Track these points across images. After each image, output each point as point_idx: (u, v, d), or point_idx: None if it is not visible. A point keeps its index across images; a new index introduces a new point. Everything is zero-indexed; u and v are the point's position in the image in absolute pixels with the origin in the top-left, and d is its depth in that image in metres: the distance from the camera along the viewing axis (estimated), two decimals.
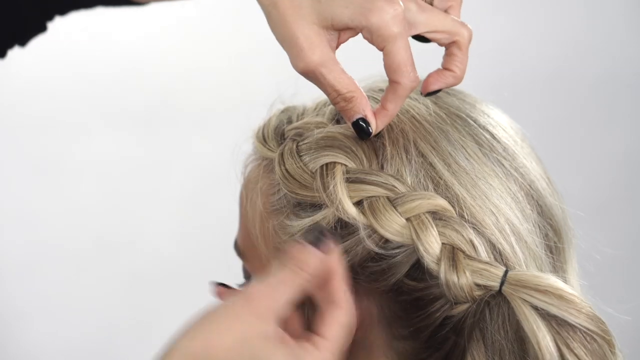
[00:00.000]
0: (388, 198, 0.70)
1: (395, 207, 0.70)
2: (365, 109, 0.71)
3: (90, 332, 1.95)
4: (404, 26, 0.69)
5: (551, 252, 0.75)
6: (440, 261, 0.68)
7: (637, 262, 2.10)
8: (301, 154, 0.74)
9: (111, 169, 1.94)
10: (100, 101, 1.94)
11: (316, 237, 0.68)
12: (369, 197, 0.70)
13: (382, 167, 0.73)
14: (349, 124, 0.72)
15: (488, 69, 1.85)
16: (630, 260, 2.06)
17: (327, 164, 0.72)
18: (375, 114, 0.72)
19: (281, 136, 0.78)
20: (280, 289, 0.66)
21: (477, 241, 0.69)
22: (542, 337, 0.66)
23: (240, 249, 0.81)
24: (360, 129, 0.71)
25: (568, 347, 0.67)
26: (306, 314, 0.71)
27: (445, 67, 0.74)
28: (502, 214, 0.72)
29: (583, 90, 2.09)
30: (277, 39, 0.71)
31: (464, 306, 0.70)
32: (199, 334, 0.65)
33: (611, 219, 2.08)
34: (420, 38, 0.74)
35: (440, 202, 0.70)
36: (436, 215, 0.70)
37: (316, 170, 0.72)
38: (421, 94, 0.74)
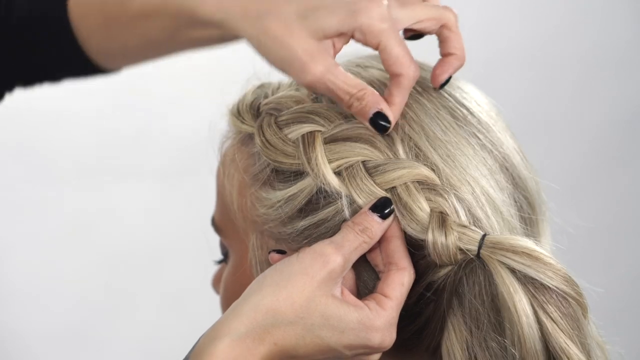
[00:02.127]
0: (365, 165, 0.72)
1: (381, 174, 0.71)
2: (379, 102, 0.72)
3: (66, 313, 1.95)
4: (392, 21, 0.71)
5: (525, 223, 0.76)
6: (429, 225, 0.70)
7: (611, 236, 2.12)
8: (280, 126, 0.75)
9: (86, 149, 1.93)
10: (78, 84, 1.93)
11: (379, 205, 0.70)
12: (349, 165, 0.72)
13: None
14: (366, 124, 0.72)
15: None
16: (605, 234, 2.07)
17: (306, 134, 0.73)
18: None
19: (257, 110, 0.78)
20: (347, 248, 0.69)
21: (459, 207, 0.71)
22: (519, 300, 0.67)
23: (217, 225, 0.82)
24: (378, 123, 0.72)
25: (543, 309, 0.68)
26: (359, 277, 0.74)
27: (445, 54, 0.75)
28: (478, 184, 0.73)
29: (561, 68, 2.10)
30: (274, 62, 0.72)
31: (444, 271, 0.71)
32: (270, 290, 0.68)
33: (587, 193, 2.09)
34: (412, 36, 0.75)
35: (424, 172, 0.71)
36: (422, 184, 0.71)
37: (297, 139, 0.74)
38: (434, 89, 0.75)
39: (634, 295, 2.10)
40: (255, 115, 0.78)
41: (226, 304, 0.81)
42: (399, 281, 0.70)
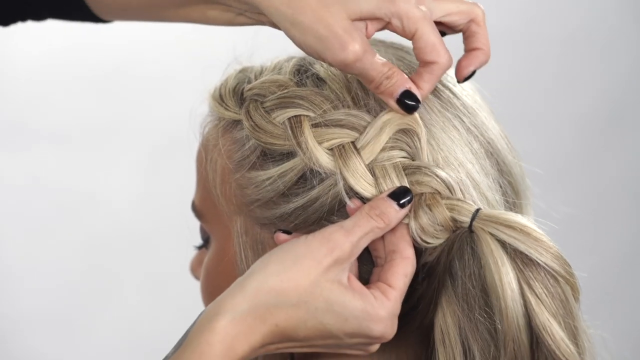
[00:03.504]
0: (355, 145, 0.71)
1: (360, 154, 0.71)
2: (407, 81, 0.71)
3: (51, 295, 1.94)
4: (428, 10, 0.71)
5: (510, 209, 0.76)
6: (415, 207, 0.70)
7: (595, 221, 2.12)
8: (267, 110, 0.75)
9: (70, 131, 1.92)
10: (61, 68, 1.92)
11: (399, 193, 0.70)
12: (340, 144, 0.72)
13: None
14: (393, 104, 0.72)
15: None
16: (588, 220, 2.08)
17: (292, 117, 0.73)
18: None
19: (240, 96, 0.78)
20: (357, 234, 0.69)
21: (452, 181, 0.71)
22: (505, 273, 0.67)
23: (198, 210, 0.81)
24: (406, 103, 0.71)
25: (529, 285, 0.68)
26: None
27: (471, 48, 0.74)
28: (464, 167, 0.73)
29: (544, 52, 2.10)
30: (309, 43, 0.70)
31: (437, 252, 0.71)
32: (276, 270, 0.68)
33: (571, 178, 2.10)
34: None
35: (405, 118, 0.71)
36: (407, 168, 0.71)
37: (284, 122, 0.73)
38: (458, 81, 0.75)
39: (616, 280, 2.11)
40: (239, 101, 0.77)
41: (207, 289, 0.80)
42: (403, 272, 0.70)
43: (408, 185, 0.71)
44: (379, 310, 0.69)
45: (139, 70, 1.94)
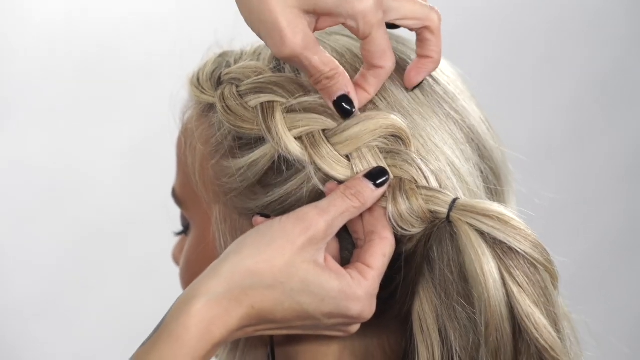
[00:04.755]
0: (325, 133, 0.71)
1: (333, 139, 0.71)
2: (347, 85, 0.71)
3: (36, 281, 1.94)
4: (383, 14, 0.71)
5: (492, 194, 0.76)
6: (393, 192, 0.70)
7: (577, 207, 2.13)
8: (241, 94, 0.74)
9: (56, 119, 1.92)
10: (40, 52, 1.91)
11: (375, 173, 0.69)
12: (310, 132, 0.71)
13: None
14: (330, 104, 0.72)
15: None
16: (571, 205, 2.08)
17: (265, 102, 0.72)
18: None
19: (218, 80, 0.77)
20: (332, 213, 0.68)
21: (427, 171, 0.71)
22: (486, 262, 0.67)
23: (178, 197, 0.81)
24: (342, 107, 0.71)
25: (510, 274, 0.67)
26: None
27: (421, 55, 0.74)
28: (444, 154, 0.72)
29: (528, 36, 2.10)
30: (253, 23, 0.70)
31: (414, 240, 0.71)
32: (250, 252, 0.68)
33: (554, 164, 2.10)
34: (389, 25, 0.74)
35: (389, 122, 0.71)
36: (386, 151, 0.71)
37: (256, 107, 0.73)
38: (406, 89, 0.75)
39: (598, 265, 2.11)
40: (216, 84, 0.77)
41: (186, 276, 0.80)
42: (381, 252, 0.69)
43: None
44: (356, 289, 0.68)
45: (125, 52, 1.94)
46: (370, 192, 0.69)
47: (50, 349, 1.95)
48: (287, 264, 0.67)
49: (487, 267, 0.67)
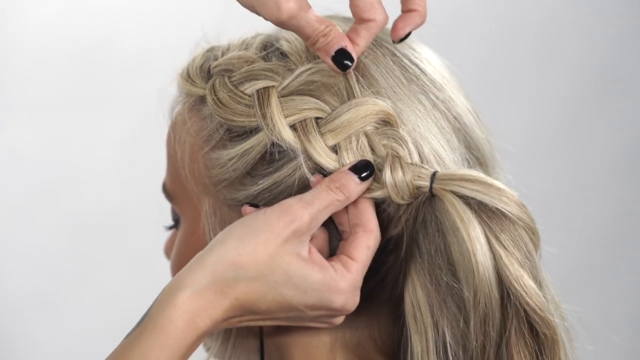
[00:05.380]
0: (318, 121, 0.71)
1: (331, 123, 0.71)
2: (344, 39, 0.72)
3: (32, 280, 1.94)
4: None
5: None
6: (385, 165, 0.70)
7: (567, 198, 2.13)
8: (235, 84, 0.75)
9: (49, 113, 1.91)
10: (34, 46, 1.91)
11: (360, 166, 0.70)
12: (303, 120, 0.71)
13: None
14: (328, 61, 0.72)
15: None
16: (560, 196, 2.09)
17: (261, 89, 0.73)
18: None
19: (207, 72, 0.78)
20: (316, 206, 0.69)
21: (413, 148, 0.71)
22: (473, 228, 0.67)
23: (168, 192, 0.81)
24: (341, 60, 0.72)
25: (497, 238, 0.67)
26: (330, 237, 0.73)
27: (407, 9, 0.74)
28: (428, 143, 0.73)
29: (519, 28, 2.10)
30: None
31: (401, 223, 0.71)
32: (234, 244, 0.68)
33: (543, 154, 2.10)
34: None
35: (377, 107, 0.71)
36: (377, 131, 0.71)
37: (252, 94, 0.73)
38: (393, 42, 0.75)
39: (588, 255, 2.12)
40: (206, 77, 0.77)
41: (177, 270, 0.80)
42: (365, 244, 0.70)
43: (373, 153, 0.71)
44: (339, 282, 0.69)
45: (119, 45, 1.94)
46: (355, 186, 0.70)
47: (45, 343, 1.95)
48: (271, 256, 0.68)
49: (473, 232, 0.67)
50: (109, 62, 1.94)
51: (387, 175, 0.70)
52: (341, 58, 0.71)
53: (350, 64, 0.71)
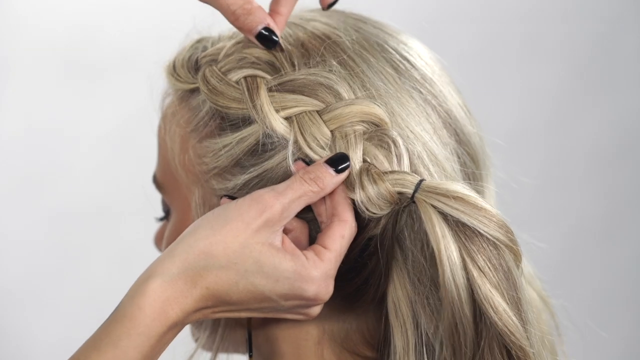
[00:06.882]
0: (311, 114, 0.71)
1: (323, 120, 0.71)
2: (265, 17, 0.72)
3: (16, 275, 1.94)
4: None
5: (469, 179, 0.76)
6: (355, 179, 0.70)
7: (555, 191, 2.13)
8: (223, 72, 0.75)
9: (33, 106, 1.91)
10: (24, 36, 1.90)
11: (336, 159, 0.70)
12: (297, 113, 0.72)
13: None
14: (252, 39, 0.73)
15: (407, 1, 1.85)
16: (549, 189, 2.09)
17: (249, 77, 0.73)
18: None
19: (195, 64, 0.78)
20: (288, 196, 0.69)
21: (404, 152, 0.71)
22: (447, 246, 0.67)
23: (159, 183, 0.81)
24: (266, 38, 0.73)
25: (472, 258, 0.67)
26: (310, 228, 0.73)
27: None
28: (420, 138, 0.73)
29: (507, 21, 2.10)
30: None
31: (383, 222, 0.71)
32: (205, 233, 0.68)
33: (533, 148, 2.11)
34: None
35: (375, 110, 0.71)
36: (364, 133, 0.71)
37: (240, 81, 0.73)
38: (323, 9, 0.76)
39: (576, 249, 2.12)
40: (194, 69, 0.78)
41: None
42: (340, 234, 0.70)
43: (362, 152, 0.71)
44: (311, 270, 0.68)
45: (108, 37, 1.93)
46: (331, 178, 0.70)
47: (30, 334, 1.95)
48: (241, 245, 0.68)
49: (446, 250, 0.67)
50: (99, 52, 1.93)
51: (358, 192, 0.70)
52: (265, 35, 0.72)
53: (274, 40, 0.73)
